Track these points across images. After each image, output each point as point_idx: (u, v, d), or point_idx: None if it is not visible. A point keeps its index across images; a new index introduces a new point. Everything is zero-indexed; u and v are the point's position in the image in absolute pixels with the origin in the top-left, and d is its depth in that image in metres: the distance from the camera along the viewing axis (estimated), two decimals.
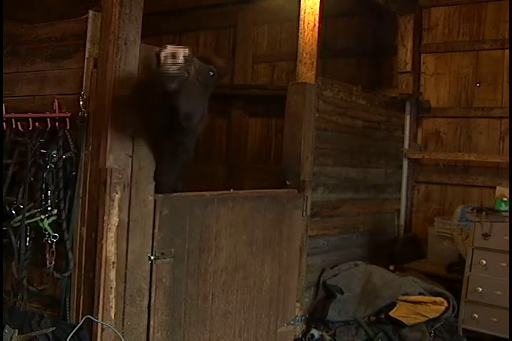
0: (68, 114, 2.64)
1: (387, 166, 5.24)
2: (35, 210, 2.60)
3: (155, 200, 2.72)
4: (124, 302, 2.62)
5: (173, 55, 2.18)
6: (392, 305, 4.01)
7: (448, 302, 4.04)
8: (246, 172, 6.05)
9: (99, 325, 2.52)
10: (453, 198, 5.33)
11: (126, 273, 2.61)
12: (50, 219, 2.59)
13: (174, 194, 2.89)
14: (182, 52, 2.20)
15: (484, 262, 3.88)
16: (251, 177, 5.84)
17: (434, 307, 4.02)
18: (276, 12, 6.19)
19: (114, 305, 2.56)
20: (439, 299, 4.04)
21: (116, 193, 2.52)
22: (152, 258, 2.73)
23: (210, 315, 3.13)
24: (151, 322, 2.77)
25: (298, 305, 3.89)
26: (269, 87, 5.97)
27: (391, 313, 3.96)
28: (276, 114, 5.21)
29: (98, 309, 2.52)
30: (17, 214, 2.61)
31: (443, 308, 4.02)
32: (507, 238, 3.77)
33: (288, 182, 3.86)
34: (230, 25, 6.77)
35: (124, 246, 2.58)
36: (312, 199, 4.02)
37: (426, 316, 3.96)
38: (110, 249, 2.52)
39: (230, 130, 6.37)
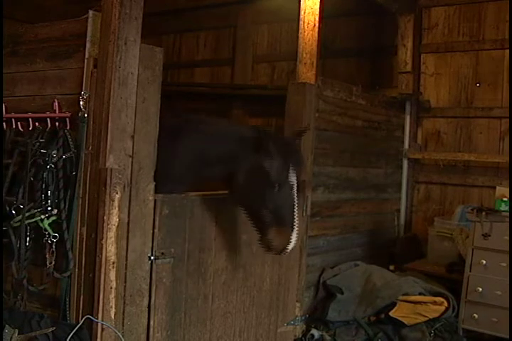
0: (68, 114, 2.64)
1: (387, 166, 5.24)
2: (35, 210, 2.59)
3: (155, 200, 2.72)
4: (124, 303, 2.62)
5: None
6: (392, 305, 4.01)
7: (448, 302, 4.04)
8: None
9: (99, 324, 2.52)
10: (453, 198, 5.33)
11: (126, 273, 2.60)
12: (50, 219, 2.59)
13: (174, 194, 2.89)
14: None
15: (484, 262, 3.88)
16: None
17: (434, 307, 4.02)
18: (276, 12, 6.19)
19: (114, 305, 2.55)
20: (439, 299, 4.04)
21: (116, 193, 2.52)
22: (152, 258, 2.73)
23: (210, 315, 3.13)
24: (151, 322, 2.77)
25: (298, 305, 3.89)
26: (269, 87, 5.97)
27: (391, 313, 3.96)
28: (276, 113, 5.21)
29: (98, 309, 2.51)
30: (17, 214, 2.60)
31: (443, 308, 4.02)
32: (507, 238, 3.77)
33: None
34: (230, 25, 6.77)
35: (124, 246, 2.58)
36: (312, 199, 4.02)
37: (426, 316, 3.96)
38: (110, 249, 2.52)
39: None
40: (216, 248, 3.11)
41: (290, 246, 2.77)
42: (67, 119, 2.64)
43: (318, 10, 4.03)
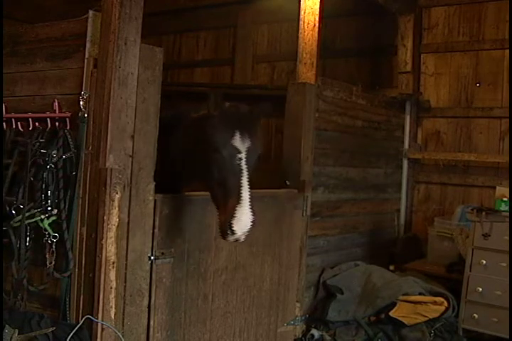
0: (68, 114, 2.64)
1: (387, 166, 5.24)
2: (35, 210, 2.60)
3: (155, 200, 2.72)
4: (124, 303, 2.62)
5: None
6: (392, 305, 4.01)
7: (448, 302, 4.04)
8: None
9: (99, 324, 2.52)
10: (453, 198, 5.33)
11: (126, 273, 2.60)
12: (50, 219, 2.59)
13: (174, 194, 2.89)
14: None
15: (484, 262, 3.88)
16: (251, 177, 5.84)
17: (434, 307, 4.02)
18: (276, 12, 6.19)
19: (114, 305, 2.56)
20: (439, 299, 4.04)
21: (116, 193, 2.52)
22: (152, 258, 2.73)
23: (210, 315, 3.13)
24: (151, 322, 2.77)
25: (298, 305, 3.89)
26: (269, 87, 5.97)
27: (391, 313, 3.96)
28: (276, 114, 5.21)
29: (98, 309, 2.51)
30: (17, 214, 2.61)
31: (443, 308, 4.02)
32: (507, 238, 3.77)
33: (288, 182, 3.86)
34: (230, 25, 6.78)
35: (124, 246, 2.58)
36: (312, 199, 4.02)
37: (426, 316, 3.96)
38: (110, 248, 2.52)
39: None
40: (216, 248, 3.11)
41: (239, 226, 2.45)
42: (67, 119, 2.64)
43: (318, 10, 4.03)
